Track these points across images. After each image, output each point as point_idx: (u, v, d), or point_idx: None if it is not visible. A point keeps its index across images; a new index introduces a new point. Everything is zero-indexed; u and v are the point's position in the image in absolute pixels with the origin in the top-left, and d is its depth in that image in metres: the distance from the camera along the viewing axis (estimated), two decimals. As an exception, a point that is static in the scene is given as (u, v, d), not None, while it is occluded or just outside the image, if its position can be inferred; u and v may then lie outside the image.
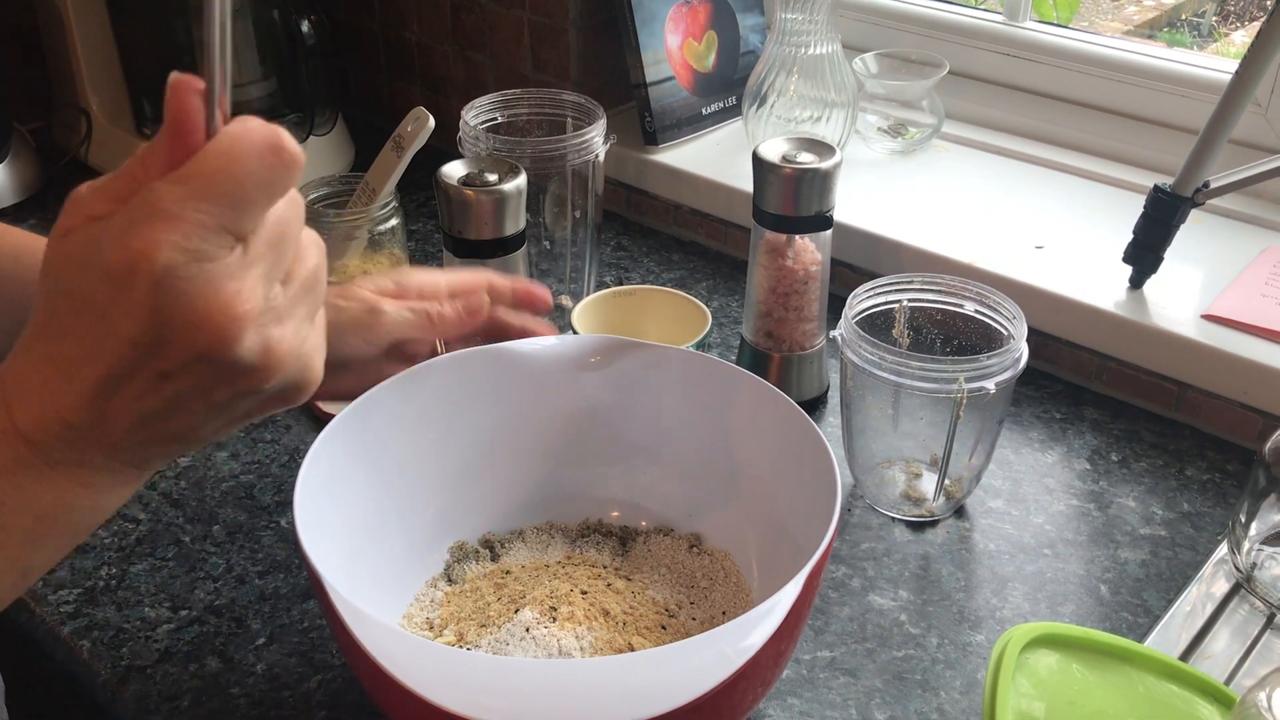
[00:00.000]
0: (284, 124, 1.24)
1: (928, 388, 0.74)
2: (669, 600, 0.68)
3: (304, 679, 0.68)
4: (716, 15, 1.20)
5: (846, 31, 1.19)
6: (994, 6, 1.20)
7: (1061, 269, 0.95)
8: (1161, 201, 0.89)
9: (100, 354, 0.39)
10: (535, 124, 1.00)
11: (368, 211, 1.03)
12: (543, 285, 0.73)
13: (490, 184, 0.81)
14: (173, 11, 1.20)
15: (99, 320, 0.38)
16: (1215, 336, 0.87)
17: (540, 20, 1.19)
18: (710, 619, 0.67)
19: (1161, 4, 2.79)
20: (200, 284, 0.38)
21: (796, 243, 0.85)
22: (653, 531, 0.74)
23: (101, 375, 0.39)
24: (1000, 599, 0.74)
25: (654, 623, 0.66)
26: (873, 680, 0.68)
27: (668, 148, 1.17)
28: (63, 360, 0.39)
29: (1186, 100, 1.06)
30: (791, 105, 1.09)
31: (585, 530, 0.74)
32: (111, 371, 0.39)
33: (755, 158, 0.84)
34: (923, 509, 0.81)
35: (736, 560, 0.71)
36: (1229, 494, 0.83)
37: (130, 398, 0.40)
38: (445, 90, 1.33)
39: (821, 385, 0.93)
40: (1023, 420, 0.90)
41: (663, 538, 0.73)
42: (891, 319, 0.83)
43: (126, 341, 0.38)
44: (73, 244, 0.39)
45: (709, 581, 0.70)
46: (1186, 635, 0.70)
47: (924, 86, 1.13)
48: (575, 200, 0.98)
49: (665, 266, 1.12)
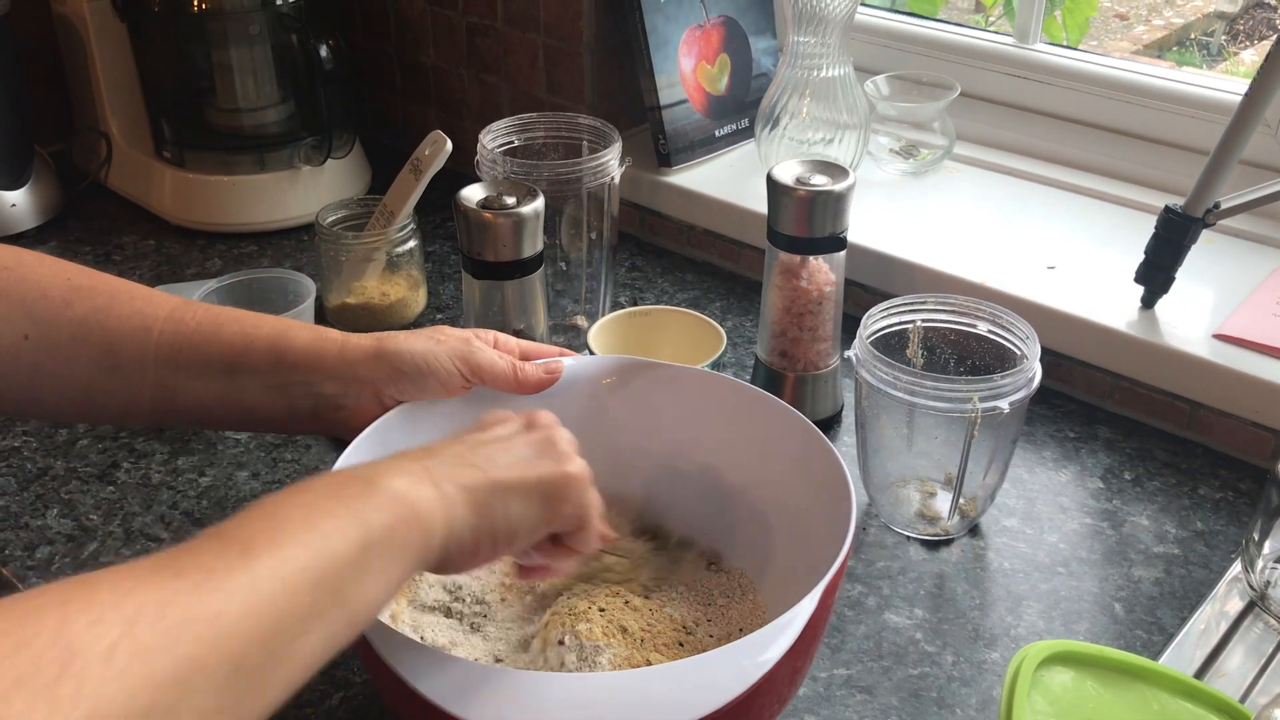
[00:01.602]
0: (302, 147, 1.27)
1: (942, 407, 0.75)
2: (686, 618, 0.69)
3: (325, 696, 0.69)
4: (729, 39, 1.21)
5: (858, 54, 1.20)
6: (1004, 29, 1.21)
7: (1073, 289, 0.96)
8: (1172, 222, 0.89)
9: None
10: (551, 147, 1.01)
11: (386, 234, 1.05)
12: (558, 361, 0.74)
13: (508, 207, 0.82)
14: (191, 37, 1.22)
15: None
16: (1227, 356, 0.88)
17: (555, 44, 1.21)
18: (727, 636, 0.68)
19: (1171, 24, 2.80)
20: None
21: (810, 263, 0.86)
22: (671, 549, 0.74)
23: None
24: (1015, 617, 0.74)
25: (672, 639, 0.66)
26: (889, 698, 0.69)
27: (681, 170, 1.18)
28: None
29: (1197, 121, 1.06)
30: (804, 127, 1.11)
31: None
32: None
33: (769, 180, 0.85)
34: (938, 528, 0.81)
35: (753, 578, 0.72)
36: (1242, 512, 0.83)
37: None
38: (461, 113, 1.35)
39: (836, 405, 0.93)
40: (1036, 439, 0.91)
41: (681, 555, 0.74)
42: (905, 339, 0.84)
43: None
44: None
45: (726, 599, 0.71)
46: (1201, 653, 0.71)
47: (935, 108, 1.14)
48: (591, 222, 0.99)
49: (679, 287, 1.13)
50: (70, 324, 0.65)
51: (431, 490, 0.50)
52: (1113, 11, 2.81)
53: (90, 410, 0.68)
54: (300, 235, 1.23)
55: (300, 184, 1.24)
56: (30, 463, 0.89)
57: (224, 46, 1.21)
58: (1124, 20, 2.81)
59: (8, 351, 0.64)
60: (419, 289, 1.08)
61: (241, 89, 1.24)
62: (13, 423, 0.93)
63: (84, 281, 0.66)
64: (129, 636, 0.37)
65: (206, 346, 0.66)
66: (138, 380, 0.66)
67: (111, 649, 0.37)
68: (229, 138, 1.25)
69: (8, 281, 0.64)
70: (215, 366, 0.66)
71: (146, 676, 0.37)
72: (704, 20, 1.19)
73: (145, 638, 0.37)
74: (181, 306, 0.67)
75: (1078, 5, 1.46)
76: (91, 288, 0.66)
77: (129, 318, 0.66)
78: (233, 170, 1.23)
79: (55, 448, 0.90)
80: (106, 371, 0.65)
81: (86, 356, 0.65)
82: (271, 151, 1.24)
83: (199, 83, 1.24)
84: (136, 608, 0.38)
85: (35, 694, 0.34)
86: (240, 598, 0.41)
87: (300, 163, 1.24)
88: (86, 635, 0.36)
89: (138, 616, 0.38)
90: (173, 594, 0.39)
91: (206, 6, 1.19)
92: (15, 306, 0.64)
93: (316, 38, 1.17)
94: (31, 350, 0.64)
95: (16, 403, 0.67)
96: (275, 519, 0.45)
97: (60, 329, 0.64)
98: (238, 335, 0.67)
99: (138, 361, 0.65)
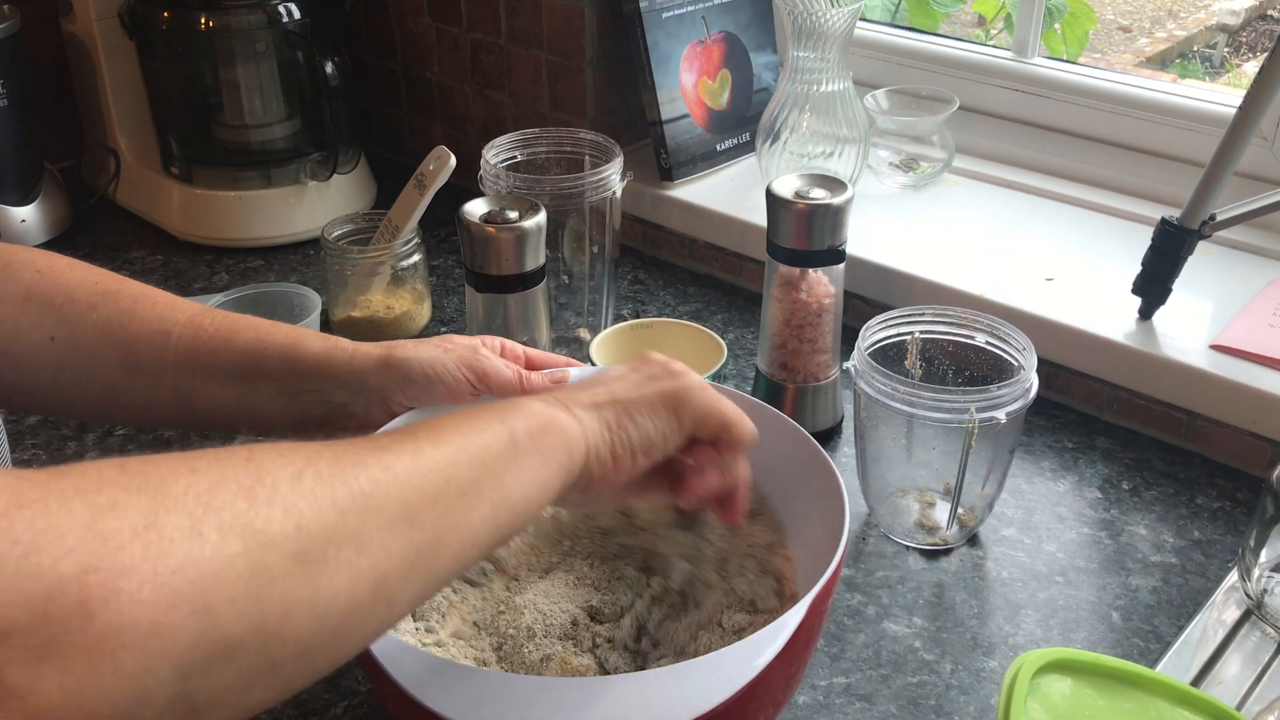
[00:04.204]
0: (308, 163, 1.29)
1: (940, 418, 0.76)
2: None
3: (330, 705, 0.70)
4: (730, 54, 1.23)
5: (858, 69, 1.21)
6: (1004, 43, 1.22)
7: (1071, 301, 0.97)
8: (1169, 234, 0.90)
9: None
10: (554, 162, 1.02)
11: (391, 248, 1.06)
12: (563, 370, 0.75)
13: (511, 221, 0.83)
14: (199, 55, 1.23)
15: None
16: (1224, 366, 0.88)
17: (558, 60, 1.22)
18: (725, 645, 0.69)
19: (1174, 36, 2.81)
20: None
21: (810, 276, 0.87)
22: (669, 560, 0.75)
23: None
24: (1013, 626, 0.75)
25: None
26: (888, 706, 0.69)
27: (683, 183, 1.19)
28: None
29: (1193, 134, 1.07)
30: (804, 141, 1.12)
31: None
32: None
33: (769, 194, 0.86)
34: (936, 537, 0.82)
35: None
36: (1239, 522, 0.84)
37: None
38: (465, 129, 1.36)
39: (836, 416, 0.94)
40: (1035, 449, 0.92)
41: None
42: (904, 350, 0.84)
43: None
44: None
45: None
46: (1198, 661, 0.71)
47: (934, 122, 1.15)
48: (593, 235, 1.00)
49: (681, 299, 1.14)
50: (94, 327, 0.66)
51: (564, 412, 0.55)
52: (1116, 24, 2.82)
53: (110, 410, 0.70)
54: (306, 250, 1.25)
55: (306, 199, 1.25)
56: (39, 475, 0.90)
57: (231, 64, 1.23)
58: (1127, 33, 2.82)
59: (34, 352, 0.66)
60: (423, 302, 1.09)
61: (248, 105, 1.25)
62: (23, 436, 0.94)
63: (110, 286, 0.68)
64: (312, 467, 0.42)
65: (222, 352, 0.67)
66: (156, 382, 0.67)
67: (299, 473, 0.41)
68: (236, 154, 1.26)
69: (39, 285, 0.66)
70: (231, 372, 0.68)
71: (330, 500, 0.41)
72: (705, 36, 1.20)
73: (326, 471, 0.42)
74: (201, 313, 0.69)
75: (1077, 19, 1.47)
76: (117, 292, 0.68)
77: (150, 321, 0.67)
78: (239, 186, 1.25)
79: (65, 459, 0.91)
80: (127, 373, 0.67)
81: (108, 358, 0.66)
82: (278, 167, 1.25)
83: (206, 99, 1.26)
84: (315, 453, 0.43)
85: (234, 494, 0.39)
86: (408, 460, 0.46)
87: (306, 178, 1.25)
88: (275, 462, 0.41)
89: (318, 457, 0.42)
90: (348, 452, 0.44)
91: (214, 24, 1.21)
92: (45, 309, 0.66)
93: (322, 55, 1.19)
94: (57, 351, 0.66)
95: (40, 401, 0.69)
96: (431, 426, 0.50)
97: (85, 331, 0.66)
98: (252, 342, 0.68)
99: (157, 364, 0.67)
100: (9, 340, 0.65)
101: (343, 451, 0.44)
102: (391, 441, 0.47)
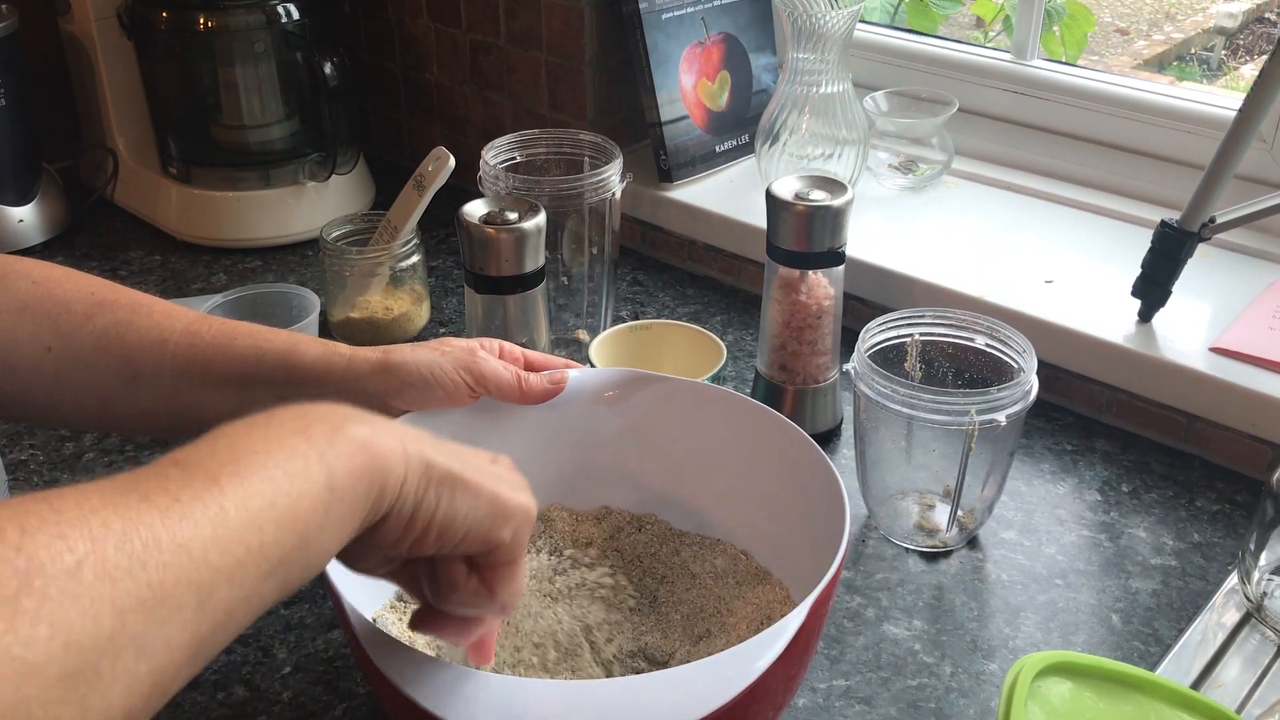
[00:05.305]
0: (307, 163, 1.28)
1: (940, 420, 0.76)
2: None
3: (329, 707, 0.70)
4: (729, 55, 1.22)
5: (857, 71, 1.21)
6: (1002, 45, 1.23)
7: (1071, 303, 0.97)
8: (1168, 236, 0.90)
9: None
10: (553, 163, 1.02)
11: (390, 249, 1.06)
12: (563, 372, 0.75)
13: (511, 222, 0.83)
14: (197, 55, 1.23)
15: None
16: (1224, 369, 0.88)
17: (557, 62, 1.22)
18: (724, 647, 0.69)
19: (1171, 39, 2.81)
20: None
21: (810, 278, 0.87)
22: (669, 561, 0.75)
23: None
24: (1013, 628, 0.75)
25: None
26: (888, 709, 0.69)
27: (682, 185, 1.19)
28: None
29: (1193, 136, 1.07)
30: (803, 143, 1.12)
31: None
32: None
33: (769, 195, 0.86)
34: (936, 540, 0.82)
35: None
36: (1239, 524, 0.84)
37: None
38: (464, 130, 1.36)
39: (835, 418, 0.94)
40: (1034, 452, 0.91)
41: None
42: (904, 352, 0.84)
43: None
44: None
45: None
46: (1198, 664, 0.71)
47: (934, 124, 1.15)
48: (592, 237, 1.00)
49: (680, 301, 1.14)
50: (91, 337, 0.66)
51: (397, 445, 0.48)
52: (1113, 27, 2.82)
53: (108, 419, 0.70)
54: (305, 250, 1.24)
55: (305, 200, 1.25)
56: (38, 475, 0.90)
57: (230, 64, 1.23)
58: (1124, 35, 2.83)
59: (31, 363, 0.65)
60: (422, 303, 1.09)
61: (247, 106, 1.25)
62: (20, 436, 0.94)
63: (106, 295, 0.68)
64: (95, 555, 0.35)
65: (220, 359, 0.67)
66: (154, 391, 0.67)
67: (76, 567, 0.34)
68: (234, 154, 1.26)
69: (35, 296, 0.66)
70: (228, 379, 0.67)
71: (110, 601, 0.35)
72: (704, 37, 1.20)
73: (111, 558, 0.35)
74: (197, 320, 0.69)
75: (1076, 21, 1.47)
76: (113, 301, 0.68)
77: (147, 330, 0.67)
78: (238, 186, 1.25)
79: (62, 460, 0.91)
80: (125, 382, 0.67)
81: (106, 368, 0.66)
82: (276, 168, 1.25)
83: (205, 100, 1.26)
84: (102, 526, 0.36)
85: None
86: (209, 529, 0.39)
87: (305, 179, 1.25)
88: (50, 550, 0.34)
89: (104, 536, 0.36)
90: (139, 516, 0.37)
91: (212, 25, 1.21)
92: (41, 320, 0.65)
93: (321, 55, 1.19)
94: (54, 362, 0.66)
95: (38, 412, 0.69)
96: (239, 450, 0.43)
97: (82, 341, 0.66)
98: (250, 349, 0.68)
99: (154, 373, 0.67)
100: (6, 352, 0.65)
101: (136, 520, 0.37)
102: (198, 493, 0.40)
